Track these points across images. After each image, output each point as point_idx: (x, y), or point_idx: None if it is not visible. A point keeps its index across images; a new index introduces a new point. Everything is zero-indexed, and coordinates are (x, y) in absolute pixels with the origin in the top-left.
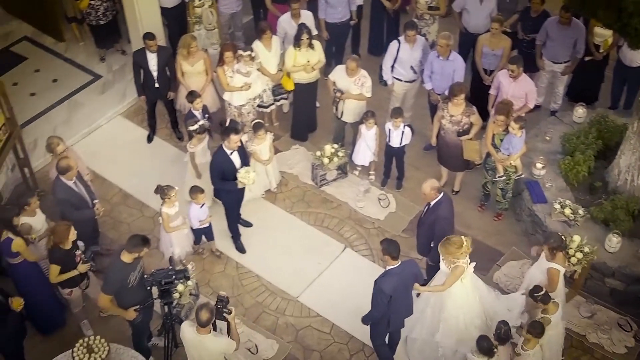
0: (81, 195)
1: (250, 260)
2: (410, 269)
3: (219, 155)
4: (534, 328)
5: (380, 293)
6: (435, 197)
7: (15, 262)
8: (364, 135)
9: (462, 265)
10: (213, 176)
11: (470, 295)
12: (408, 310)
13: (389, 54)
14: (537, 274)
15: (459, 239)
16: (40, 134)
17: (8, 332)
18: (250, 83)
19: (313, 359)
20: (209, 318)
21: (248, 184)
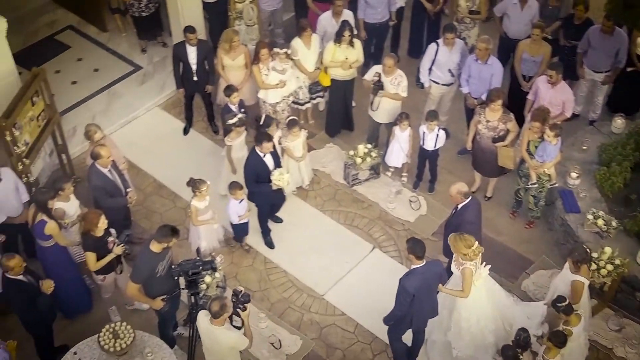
0: (115, 183)
1: (279, 255)
2: (435, 269)
3: (252, 159)
4: (556, 337)
5: (403, 292)
6: (462, 201)
7: (47, 245)
8: (397, 136)
9: (470, 267)
10: (247, 179)
11: (483, 298)
12: (432, 311)
13: (427, 56)
14: (561, 286)
15: (470, 239)
16: (80, 122)
17: (38, 314)
18: (286, 81)
19: (336, 357)
20: (219, 310)
21: (282, 185)
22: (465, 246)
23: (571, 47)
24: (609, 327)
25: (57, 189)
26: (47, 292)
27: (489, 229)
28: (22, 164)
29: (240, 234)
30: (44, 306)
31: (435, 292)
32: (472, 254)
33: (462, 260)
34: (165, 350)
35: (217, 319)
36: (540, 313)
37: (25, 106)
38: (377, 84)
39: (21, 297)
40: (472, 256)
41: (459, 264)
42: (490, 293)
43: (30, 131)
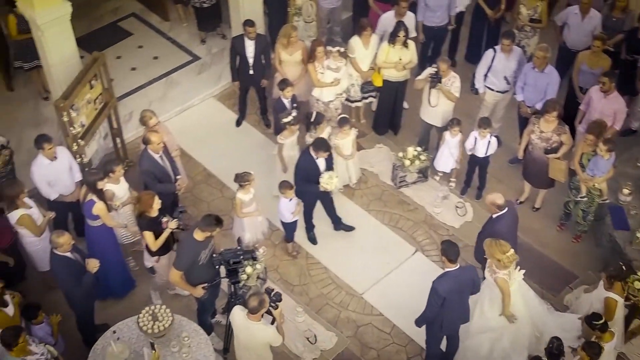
0: (165, 169)
1: (321, 252)
2: (468, 274)
3: (304, 159)
4: (592, 348)
5: (434, 294)
6: (495, 212)
7: (94, 224)
8: (447, 142)
9: (503, 277)
10: (297, 177)
11: (518, 302)
12: (463, 316)
13: (483, 61)
14: (595, 302)
15: (506, 245)
16: (136, 108)
17: (82, 292)
18: (340, 79)
19: (370, 356)
20: (257, 306)
21: (331, 189)
22: (500, 252)
23: (632, 61)
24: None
25: (107, 171)
26: (92, 271)
27: (534, 240)
28: (77, 144)
29: (291, 232)
30: (87, 284)
31: (467, 298)
32: (506, 260)
33: (496, 267)
34: (201, 336)
35: (254, 315)
36: (576, 327)
37: (83, 89)
38: (434, 77)
39: (67, 274)
40: (505, 263)
41: (492, 271)
42: (524, 297)
43: (87, 113)
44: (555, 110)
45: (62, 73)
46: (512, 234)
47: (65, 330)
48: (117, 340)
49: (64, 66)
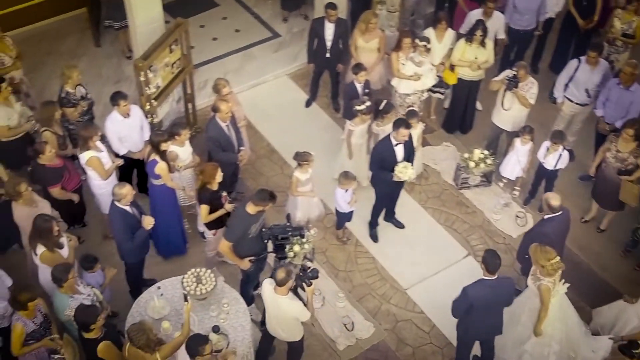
0: (230, 138)
1: (371, 242)
2: (505, 288)
3: (383, 144)
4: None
5: (463, 297)
6: (547, 213)
7: (156, 183)
8: (517, 149)
9: (547, 285)
10: (372, 161)
11: (555, 315)
12: (495, 328)
13: (565, 71)
14: (635, 320)
15: (551, 252)
16: (212, 77)
17: (133, 246)
18: (421, 74)
19: (405, 352)
20: (284, 279)
21: (404, 179)
22: (545, 258)
23: None
24: None
25: (173, 134)
26: (147, 228)
27: (594, 262)
28: (150, 104)
29: (343, 222)
30: (140, 240)
31: (501, 310)
32: (549, 267)
33: (540, 275)
34: (241, 305)
35: (280, 287)
36: (604, 347)
37: (163, 52)
38: (512, 80)
39: (123, 227)
40: (549, 270)
41: (536, 278)
42: (563, 313)
43: (164, 76)
44: (632, 129)
45: (145, 34)
46: (559, 239)
47: (114, 280)
48: (160, 296)
49: (148, 28)
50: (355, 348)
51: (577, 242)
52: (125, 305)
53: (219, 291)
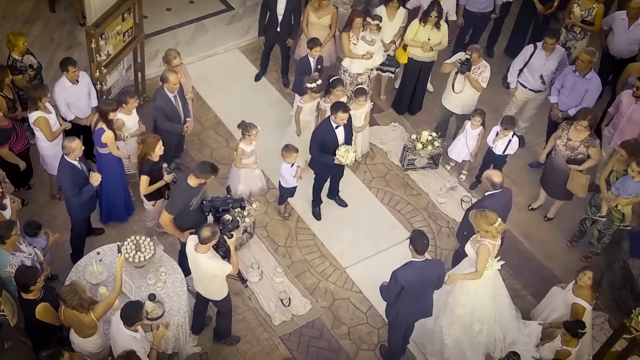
0: (177, 109)
1: (313, 218)
2: (435, 269)
3: (323, 127)
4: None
5: (394, 281)
6: (488, 190)
7: (102, 151)
8: (467, 131)
9: (488, 245)
10: (312, 145)
11: (487, 292)
12: (424, 311)
13: (520, 56)
14: (561, 306)
15: (492, 216)
16: (163, 47)
17: (81, 201)
18: (373, 53)
19: (341, 331)
20: (208, 237)
21: (345, 162)
22: (487, 223)
23: None
24: None
25: (121, 102)
26: (94, 184)
27: (540, 251)
28: (99, 71)
29: (285, 197)
30: (86, 195)
31: (431, 292)
32: (494, 231)
33: (481, 239)
34: (178, 275)
35: (203, 245)
36: (534, 333)
37: (115, 20)
38: (465, 63)
39: (71, 181)
40: (494, 233)
41: (477, 241)
42: (496, 292)
43: (115, 44)
44: (587, 120)
45: (99, 2)
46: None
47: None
48: (99, 261)
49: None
50: (290, 324)
51: (523, 229)
52: (65, 269)
53: (157, 260)
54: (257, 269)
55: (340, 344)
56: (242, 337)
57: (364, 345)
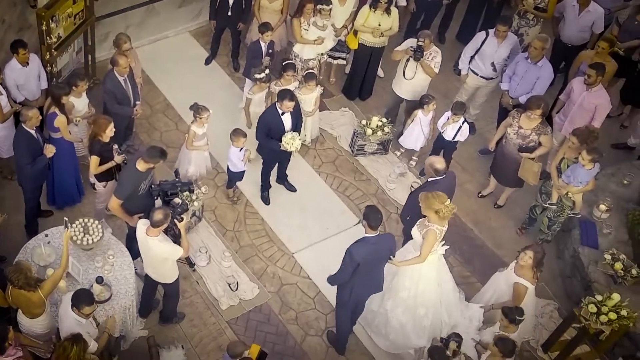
0: (126, 92)
1: (261, 203)
2: (387, 243)
3: (270, 113)
4: (505, 345)
5: (349, 258)
6: (431, 176)
7: (54, 136)
8: (419, 118)
9: (435, 230)
10: (259, 130)
11: (432, 276)
12: (377, 286)
13: (472, 43)
14: (503, 286)
15: (443, 196)
16: (113, 30)
17: (34, 170)
18: (324, 38)
19: (288, 316)
20: (160, 220)
21: (290, 149)
22: (439, 202)
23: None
24: None
25: (71, 84)
26: (48, 155)
27: (489, 238)
28: (50, 54)
29: (234, 181)
30: (40, 165)
31: (382, 267)
32: (445, 210)
33: (429, 222)
34: (126, 258)
35: (154, 228)
36: (477, 316)
37: (66, 2)
38: (417, 50)
39: (26, 149)
40: (445, 213)
41: (425, 226)
42: (440, 276)
43: (66, 27)
44: (539, 109)
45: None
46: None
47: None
48: (47, 244)
49: None
50: (238, 308)
51: (473, 217)
52: (14, 250)
53: (105, 243)
54: (205, 253)
55: (287, 329)
56: (190, 321)
57: (311, 330)
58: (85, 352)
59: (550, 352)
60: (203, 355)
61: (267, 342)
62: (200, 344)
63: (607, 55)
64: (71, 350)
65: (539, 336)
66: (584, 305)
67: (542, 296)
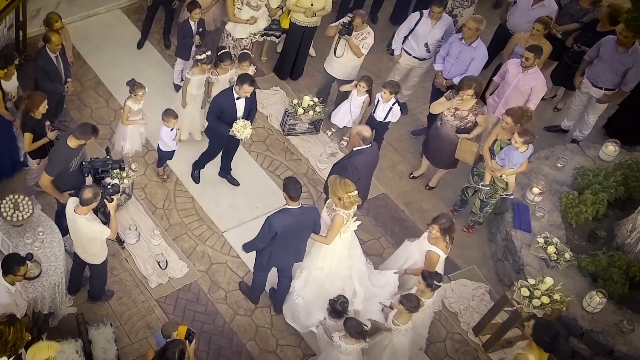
0: (58, 69)
1: (191, 181)
2: (310, 216)
3: (225, 95)
4: (409, 302)
5: (268, 226)
6: (358, 145)
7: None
8: (352, 97)
9: (342, 215)
10: (210, 111)
11: (344, 253)
12: (297, 255)
13: (406, 23)
14: (416, 254)
15: (351, 186)
16: (45, 6)
17: None
18: (257, 18)
19: (217, 295)
20: (89, 199)
21: (240, 137)
22: (344, 191)
23: (579, 52)
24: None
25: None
26: None
27: (420, 220)
28: None
29: (164, 160)
30: None
31: (305, 239)
32: (347, 200)
33: (335, 207)
34: (56, 235)
35: (83, 206)
36: (391, 282)
37: None
38: (346, 26)
39: None
40: (345, 203)
41: (332, 210)
42: (351, 251)
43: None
44: (470, 89)
45: None
46: (367, 173)
47: None
48: None
49: None
50: (167, 287)
51: (404, 198)
52: None
53: (35, 219)
54: (135, 231)
55: (216, 308)
56: (119, 299)
57: (240, 310)
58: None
59: (482, 335)
60: (132, 333)
61: (196, 321)
62: (129, 322)
63: (542, 37)
64: (9, 334)
65: (470, 319)
66: (517, 288)
67: (474, 279)
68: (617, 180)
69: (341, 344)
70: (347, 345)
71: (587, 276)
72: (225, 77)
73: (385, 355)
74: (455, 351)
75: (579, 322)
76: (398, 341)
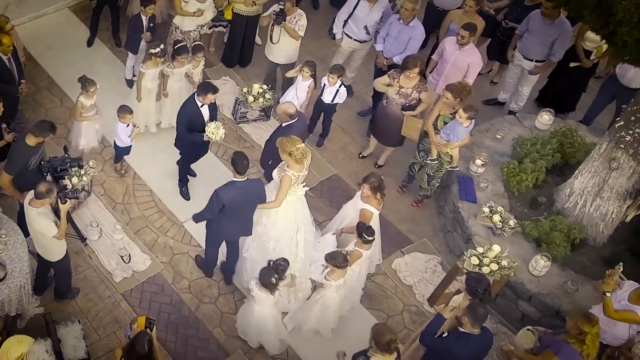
0: (11, 71)
1: (148, 175)
2: (256, 188)
3: (188, 105)
4: (334, 259)
5: (216, 198)
6: (286, 121)
7: None
8: (297, 83)
9: (290, 176)
10: (179, 125)
11: (289, 214)
12: (245, 229)
13: (345, 7)
14: (351, 213)
15: (299, 140)
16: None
17: None
18: (204, 10)
19: (181, 285)
20: (42, 193)
21: (215, 139)
22: (292, 145)
23: (509, 28)
24: None
25: None
26: None
27: None
28: None
29: (120, 156)
30: None
31: (252, 211)
32: (297, 153)
33: (287, 167)
34: (19, 236)
35: (37, 200)
36: (329, 243)
37: None
38: (279, 14)
39: None
40: (297, 156)
41: (283, 170)
42: (298, 215)
43: None
44: (416, 67)
45: None
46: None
47: None
48: None
49: None
50: (131, 280)
51: (355, 178)
52: None
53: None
54: (96, 227)
55: (181, 298)
56: (85, 295)
57: (205, 298)
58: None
59: (436, 305)
60: (100, 328)
61: (162, 312)
62: (96, 318)
63: (475, 14)
64: None
65: (424, 290)
66: (467, 257)
67: (426, 251)
68: (553, 147)
69: (254, 290)
70: (259, 293)
71: (532, 241)
72: (181, 71)
73: (316, 310)
74: (413, 322)
75: (527, 286)
76: (330, 297)
